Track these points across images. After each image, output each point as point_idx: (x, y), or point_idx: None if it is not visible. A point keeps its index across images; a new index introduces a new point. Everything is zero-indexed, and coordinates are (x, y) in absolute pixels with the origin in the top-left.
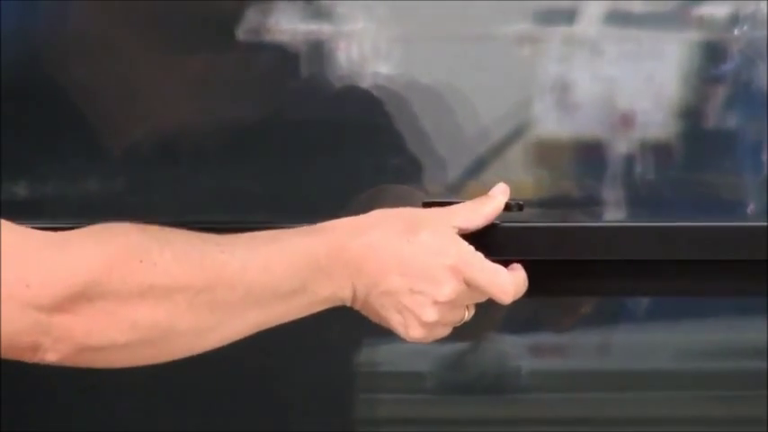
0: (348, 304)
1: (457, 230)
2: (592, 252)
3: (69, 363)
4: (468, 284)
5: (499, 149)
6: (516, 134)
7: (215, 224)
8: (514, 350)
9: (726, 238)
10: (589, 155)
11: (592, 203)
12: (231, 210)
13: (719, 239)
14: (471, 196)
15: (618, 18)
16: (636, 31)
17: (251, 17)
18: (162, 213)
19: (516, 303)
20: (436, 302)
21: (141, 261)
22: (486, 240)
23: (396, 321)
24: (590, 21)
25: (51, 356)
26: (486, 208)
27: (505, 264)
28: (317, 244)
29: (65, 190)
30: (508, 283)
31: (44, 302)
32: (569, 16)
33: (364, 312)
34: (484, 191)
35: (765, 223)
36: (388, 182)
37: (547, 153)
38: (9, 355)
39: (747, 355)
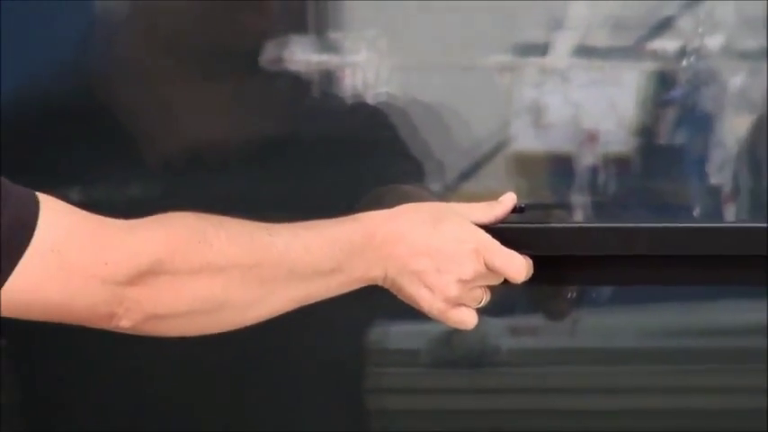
0: (380, 284)
1: (474, 223)
2: (565, 248)
3: (137, 330)
4: (487, 265)
5: (483, 162)
6: (497, 149)
7: None
8: (495, 330)
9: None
10: (559, 167)
11: (562, 207)
12: (252, 212)
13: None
14: (461, 201)
15: (584, 51)
16: (599, 62)
17: (271, 49)
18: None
19: (498, 290)
20: (460, 280)
21: (199, 242)
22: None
23: (422, 297)
24: (560, 53)
25: (125, 323)
26: (497, 210)
27: None
28: (352, 230)
29: (110, 195)
30: (522, 265)
31: (119, 278)
32: (543, 49)
33: (393, 290)
34: (472, 195)
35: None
36: (386, 184)
37: (523, 165)
38: (90, 323)
39: (704, 333)
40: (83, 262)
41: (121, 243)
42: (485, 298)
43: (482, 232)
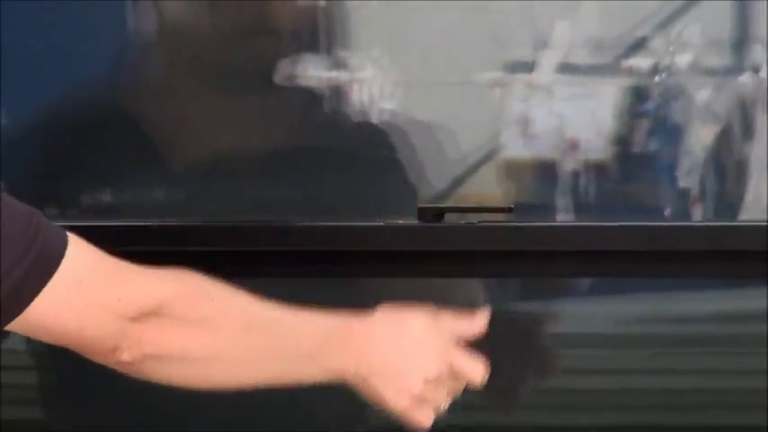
0: (349, 379)
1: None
2: (546, 245)
3: (136, 369)
4: (451, 368)
5: (477, 167)
6: (489, 156)
7: (251, 222)
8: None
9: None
10: (545, 171)
11: (546, 208)
12: (267, 212)
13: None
14: (457, 202)
15: (566, 68)
16: (580, 78)
17: (285, 67)
18: (210, 214)
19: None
20: (424, 379)
21: (202, 296)
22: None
23: (389, 397)
24: (545, 70)
25: (126, 357)
26: (474, 325)
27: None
28: (334, 324)
29: (138, 197)
30: (480, 368)
31: (129, 314)
32: (530, 66)
33: (361, 389)
34: (465, 197)
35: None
36: (390, 188)
37: (513, 170)
38: (94, 354)
39: (670, 321)
40: (100, 295)
41: (135, 282)
42: (446, 402)
43: (446, 338)
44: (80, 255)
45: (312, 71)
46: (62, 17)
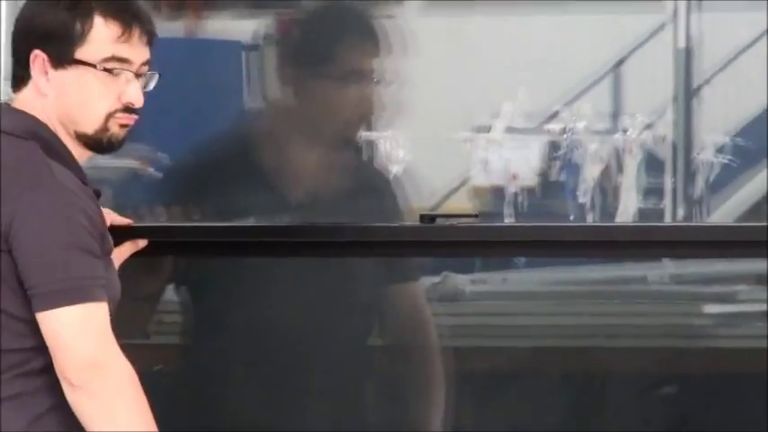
0: None
1: None
2: (498, 237)
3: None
4: None
5: (456, 190)
6: (463, 183)
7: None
8: (463, 281)
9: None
10: (497, 193)
11: (498, 215)
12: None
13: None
14: (443, 211)
15: (510, 129)
16: (519, 136)
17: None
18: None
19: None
20: None
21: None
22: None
23: None
24: (498, 131)
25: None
26: None
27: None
28: None
29: (257, 219)
30: None
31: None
32: (488, 128)
33: None
34: (449, 209)
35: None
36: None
37: (478, 192)
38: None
39: (572, 283)
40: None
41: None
42: None
43: None
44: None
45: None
46: (201, 93)
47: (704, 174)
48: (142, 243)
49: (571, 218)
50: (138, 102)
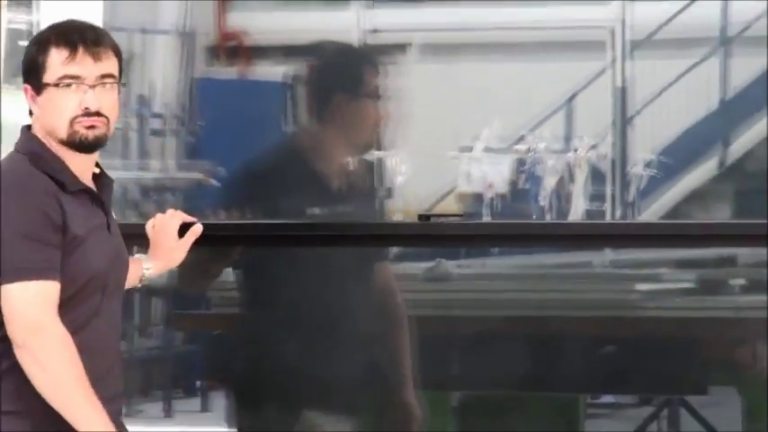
0: None
1: None
2: (478, 231)
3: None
4: None
5: (445, 195)
6: (452, 190)
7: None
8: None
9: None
10: (477, 198)
11: (478, 214)
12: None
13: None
14: (437, 212)
15: (488, 149)
16: (494, 155)
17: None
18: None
19: None
20: None
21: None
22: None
23: None
24: (478, 150)
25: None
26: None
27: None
28: None
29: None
30: None
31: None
32: (470, 149)
33: None
34: (441, 209)
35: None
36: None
37: (463, 197)
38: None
39: (532, 266)
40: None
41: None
42: None
43: None
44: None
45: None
46: (251, 121)
47: (636, 183)
48: (198, 229)
49: (533, 217)
50: (93, 106)
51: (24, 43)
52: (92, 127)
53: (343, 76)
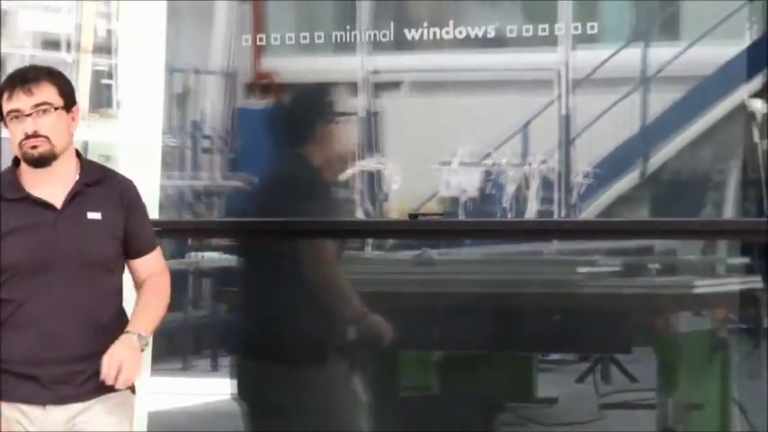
0: None
1: None
2: (456, 227)
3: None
4: None
5: (430, 198)
6: (434, 195)
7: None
8: (434, 255)
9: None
10: (454, 201)
11: (455, 214)
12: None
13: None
14: (423, 211)
15: (462, 163)
16: (467, 168)
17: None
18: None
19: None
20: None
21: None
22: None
23: None
24: (455, 164)
25: None
26: None
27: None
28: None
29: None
30: None
31: None
32: (449, 162)
33: None
34: (426, 209)
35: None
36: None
37: (443, 200)
38: None
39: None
40: None
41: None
42: None
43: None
44: None
45: (366, 162)
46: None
47: (577, 189)
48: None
49: (498, 215)
50: (29, 130)
51: (107, 81)
52: (34, 147)
53: (318, 107)
